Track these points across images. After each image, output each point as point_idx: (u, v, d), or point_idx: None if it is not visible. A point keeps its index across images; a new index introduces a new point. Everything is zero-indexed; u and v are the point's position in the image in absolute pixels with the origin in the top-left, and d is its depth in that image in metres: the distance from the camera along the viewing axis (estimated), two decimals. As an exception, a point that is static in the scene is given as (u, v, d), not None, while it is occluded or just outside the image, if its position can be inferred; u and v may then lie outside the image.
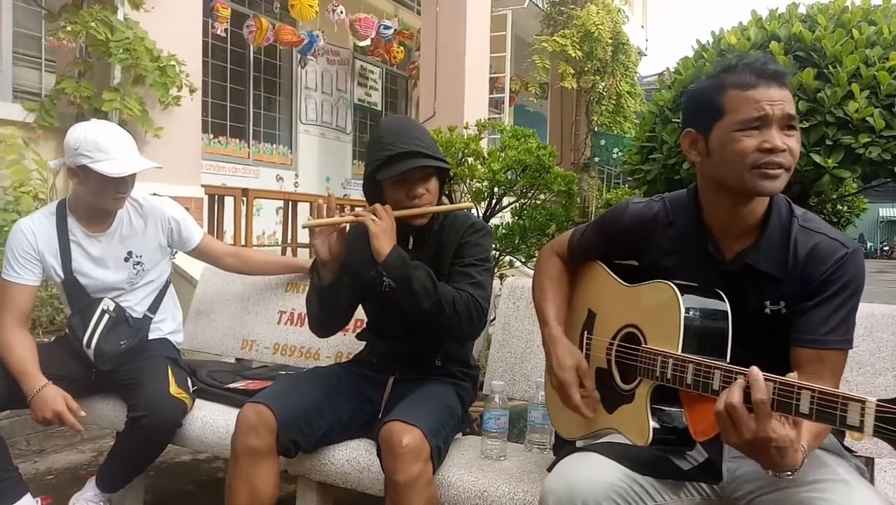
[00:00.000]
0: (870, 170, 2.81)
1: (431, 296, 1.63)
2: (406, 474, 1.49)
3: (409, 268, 1.64)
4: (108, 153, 1.94)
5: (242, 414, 1.67)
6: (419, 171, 1.73)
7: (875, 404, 0.90)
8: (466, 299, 1.67)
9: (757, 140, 1.21)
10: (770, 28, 3.15)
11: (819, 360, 1.22)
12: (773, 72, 1.22)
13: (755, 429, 1.01)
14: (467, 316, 1.67)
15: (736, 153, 1.22)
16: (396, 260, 1.64)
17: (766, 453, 1.03)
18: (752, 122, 1.21)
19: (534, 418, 1.74)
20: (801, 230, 1.28)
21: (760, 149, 1.21)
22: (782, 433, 1.01)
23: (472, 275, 1.72)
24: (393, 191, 1.75)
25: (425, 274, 1.65)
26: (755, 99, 1.21)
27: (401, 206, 1.74)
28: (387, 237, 1.66)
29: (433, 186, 1.77)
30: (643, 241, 1.42)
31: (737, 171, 1.23)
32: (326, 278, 1.78)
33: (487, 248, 1.80)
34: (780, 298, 1.27)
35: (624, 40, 9.25)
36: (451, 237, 1.79)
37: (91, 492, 2.01)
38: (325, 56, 8.06)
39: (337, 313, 1.88)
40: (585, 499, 1.17)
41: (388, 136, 1.74)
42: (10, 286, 2.01)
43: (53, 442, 2.94)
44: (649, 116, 3.61)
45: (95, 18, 3.78)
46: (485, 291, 1.72)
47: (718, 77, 1.27)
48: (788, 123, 1.22)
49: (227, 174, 6.92)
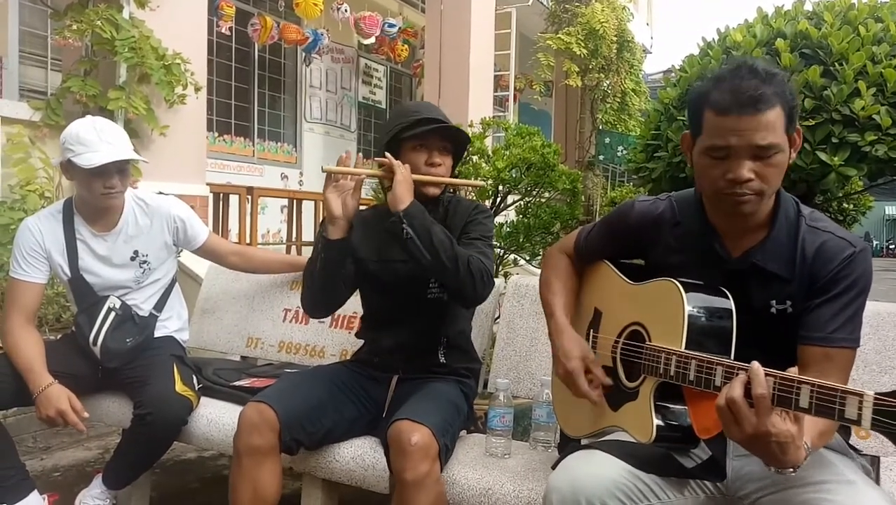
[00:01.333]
0: (876, 168, 2.80)
1: (448, 250, 1.64)
2: (415, 473, 1.49)
3: (428, 220, 1.67)
4: (88, 146, 1.93)
5: (244, 413, 1.67)
6: (439, 141, 1.80)
7: (873, 397, 0.91)
8: (478, 262, 1.69)
9: (723, 168, 1.21)
10: (776, 25, 3.14)
11: (826, 358, 1.22)
12: (749, 98, 1.16)
13: (756, 423, 1.02)
14: (479, 277, 1.68)
15: (705, 176, 1.25)
16: (418, 210, 1.67)
17: (768, 448, 1.03)
18: (717, 152, 1.21)
19: (538, 416, 1.75)
20: (809, 229, 1.27)
21: (726, 178, 1.20)
22: (783, 428, 1.01)
23: (479, 247, 1.76)
24: (413, 155, 1.79)
25: (442, 231, 1.68)
26: (724, 128, 1.19)
27: (418, 173, 1.78)
28: (406, 187, 1.69)
29: (448, 162, 1.85)
30: (650, 240, 1.41)
31: (708, 191, 1.27)
32: (335, 234, 1.76)
33: (491, 229, 1.85)
34: (787, 297, 1.27)
35: (629, 38, 9.21)
36: (455, 220, 1.83)
37: (97, 489, 2.02)
38: (329, 54, 8.07)
39: (336, 284, 1.82)
40: (589, 496, 1.17)
41: (412, 108, 1.86)
42: (17, 284, 2.02)
43: (60, 439, 2.95)
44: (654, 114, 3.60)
45: (101, 17, 3.79)
46: (490, 261, 1.76)
47: (707, 88, 1.23)
48: (759, 154, 1.19)
49: (232, 172, 6.94)
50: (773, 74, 1.20)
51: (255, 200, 5.07)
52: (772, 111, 1.18)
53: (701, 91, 1.25)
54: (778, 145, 1.19)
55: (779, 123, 1.19)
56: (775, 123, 1.18)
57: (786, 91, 1.20)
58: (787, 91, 1.20)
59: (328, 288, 1.82)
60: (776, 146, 1.19)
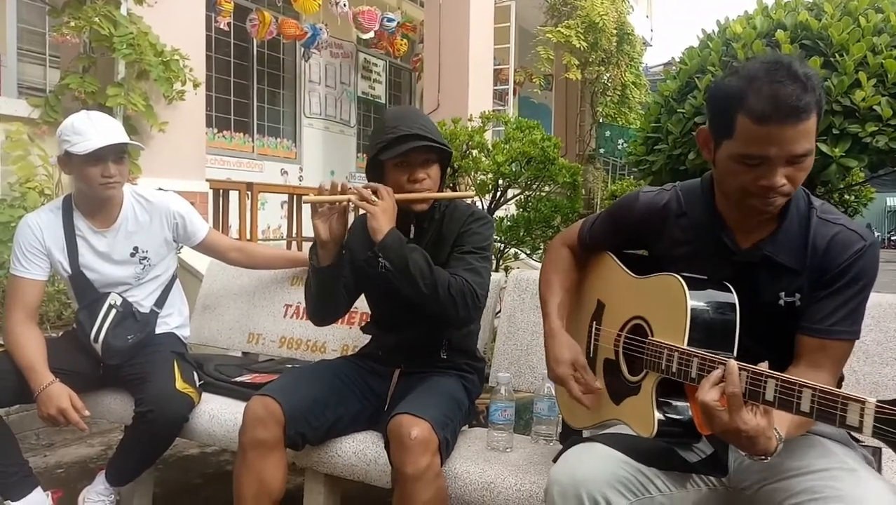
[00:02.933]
0: (877, 159, 2.79)
1: (426, 278, 1.63)
2: (415, 467, 1.49)
3: (405, 249, 1.65)
4: (83, 134, 1.94)
5: (250, 407, 1.67)
6: (421, 156, 1.74)
7: (875, 405, 0.90)
8: (461, 284, 1.66)
9: (755, 174, 1.17)
10: (776, 17, 3.13)
11: (821, 349, 1.22)
12: (792, 108, 1.11)
13: (726, 421, 1.07)
14: (462, 300, 1.66)
15: (735, 180, 1.21)
16: (393, 241, 1.65)
17: (738, 441, 1.08)
18: (753, 160, 1.17)
19: (540, 410, 1.75)
20: (820, 221, 1.26)
21: (758, 184, 1.18)
22: (752, 424, 1.05)
23: (469, 261, 1.72)
24: (395, 174, 1.76)
25: (421, 256, 1.66)
26: (762, 137, 1.13)
27: (402, 191, 1.74)
28: (385, 217, 1.66)
29: (434, 173, 1.79)
30: (654, 231, 1.41)
31: (734, 193, 1.23)
32: (325, 259, 1.76)
33: (487, 238, 1.80)
34: (796, 290, 1.26)
35: (629, 30, 9.19)
36: (451, 227, 1.80)
37: (101, 485, 2.03)
38: (328, 49, 8.05)
39: (333, 299, 1.85)
40: (590, 489, 1.17)
41: (391, 121, 1.77)
42: (18, 281, 2.02)
43: (63, 436, 2.96)
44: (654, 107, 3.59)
45: (99, 14, 3.78)
46: (481, 278, 1.72)
47: (740, 89, 1.16)
48: (793, 161, 1.16)
49: (232, 168, 6.93)
50: (811, 78, 1.14)
51: (255, 196, 5.06)
52: (811, 119, 1.14)
53: (732, 91, 1.17)
54: (812, 150, 1.16)
55: (813, 129, 1.15)
56: (812, 130, 1.15)
57: (821, 95, 1.16)
58: (821, 94, 1.16)
59: (326, 303, 1.86)
60: (811, 151, 1.16)
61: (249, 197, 5.01)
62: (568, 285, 1.54)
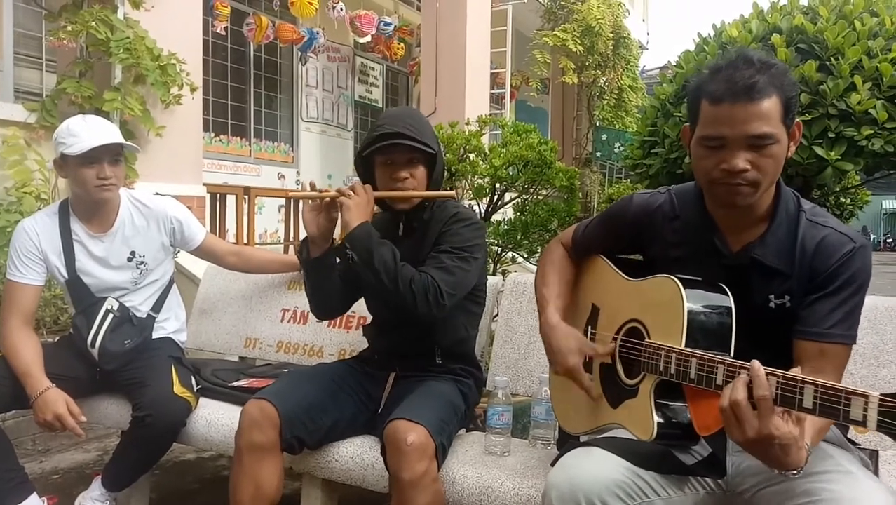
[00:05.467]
0: (872, 162, 2.80)
1: (390, 272, 1.66)
2: (411, 472, 1.49)
3: (372, 243, 1.68)
4: (78, 136, 1.94)
5: (246, 410, 1.67)
6: (405, 155, 1.77)
7: (878, 399, 0.90)
8: (425, 281, 1.66)
9: (717, 158, 1.20)
10: (772, 20, 3.14)
11: (821, 354, 1.21)
12: (743, 87, 1.15)
13: (758, 426, 1.00)
14: (422, 296, 1.65)
15: (700, 167, 1.25)
16: (361, 233, 1.69)
17: (771, 451, 1.02)
18: (711, 141, 1.20)
19: (537, 414, 1.75)
20: (809, 224, 1.27)
21: (720, 168, 1.20)
22: (785, 430, 1.00)
23: (442, 260, 1.72)
24: (381, 171, 1.80)
25: (389, 251, 1.68)
26: (718, 117, 1.18)
27: (388, 189, 1.79)
28: (359, 211, 1.72)
29: (419, 174, 1.80)
30: (648, 234, 1.41)
31: (703, 181, 1.27)
32: (313, 253, 1.82)
33: (468, 239, 1.77)
34: (785, 292, 1.27)
35: (625, 34, 9.21)
36: (435, 227, 1.82)
37: (97, 491, 2.02)
38: (325, 53, 8.05)
39: (328, 293, 1.89)
40: (588, 494, 1.17)
41: (381, 119, 1.84)
42: (14, 286, 2.01)
43: (59, 442, 2.94)
44: (651, 111, 3.60)
45: (95, 18, 3.77)
46: (451, 276, 1.69)
47: (704, 79, 1.23)
48: (754, 143, 1.17)
49: (229, 172, 6.93)
50: (770, 64, 1.19)
51: (252, 200, 5.06)
52: (767, 100, 1.16)
53: (699, 82, 1.25)
54: (773, 135, 1.17)
55: (774, 113, 1.17)
56: (770, 113, 1.17)
57: (783, 81, 1.19)
58: (784, 81, 1.19)
59: (322, 294, 1.90)
60: (771, 136, 1.17)
61: (247, 201, 5.00)
62: (565, 281, 1.54)
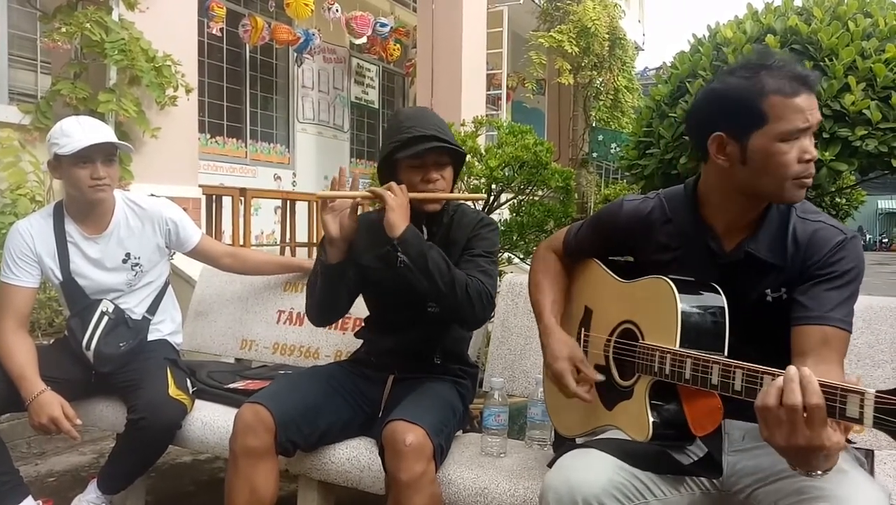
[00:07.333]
0: (867, 162, 2.81)
1: (445, 276, 1.63)
2: (409, 473, 1.49)
3: (424, 245, 1.65)
4: (71, 136, 1.94)
5: (240, 414, 1.67)
6: (436, 156, 1.75)
7: (874, 395, 0.91)
8: (477, 285, 1.67)
9: (797, 151, 1.21)
10: (766, 21, 3.15)
11: (825, 341, 1.19)
12: (810, 78, 1.21)
13: (810, 435, 0.96)
14: (479, 301, 1.66)
15: (781, 165, 1.21)
16: (413, 236, 1.64)
17: (814, 458, 0.99)
18: (796, 133, 1.20)
19: (534, 415, 1.75)
20: (800, 220, 1.29)
21: (801, 160, 1.21)
22: (835, 440, 0.97)
23: (481, 264, 1.73)
24: (409, 173, 1.76)
25: (439, 254, 1.66)
26: (800, 108, 1.19)
27: (415, 190, 1.74)
28: (403, 213, 1.66)
29: (448, 175, 1.79)
30: (640, 239, 1.42)
31: (778, 182, 1.23)
32: (333, 257, 1.75)
33: (495, 243, 1.82)
34: (782, 284, 1.28)
35: (621, 35, 9.22)
36: (460, 232, 1.80)
37: (93, 494, 2.01)
38: (321, 54, 8.04)
39: (338, 299, 1.85)
40: (585, 495, 1.17)
41: (408, 121, 1.77)
42: (8, 288, 2.01)
43: (54, 444, 2.93)
44: (646, 111, 3.61)
45: (90, 19, 3.77)
46: (492, 280, 1.73)
47: (757, 79, 1.21)
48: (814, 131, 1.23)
49: (225, 174, 6.91)
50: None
51: (248, 202, 5.05)
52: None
53: (746, 85, 1.21)
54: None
55: None
56: None
57: None
58: None
59: (331, 300, 1.84)
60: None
61: (242, 202, 4.99)
62: (558, 287, 1.55)
